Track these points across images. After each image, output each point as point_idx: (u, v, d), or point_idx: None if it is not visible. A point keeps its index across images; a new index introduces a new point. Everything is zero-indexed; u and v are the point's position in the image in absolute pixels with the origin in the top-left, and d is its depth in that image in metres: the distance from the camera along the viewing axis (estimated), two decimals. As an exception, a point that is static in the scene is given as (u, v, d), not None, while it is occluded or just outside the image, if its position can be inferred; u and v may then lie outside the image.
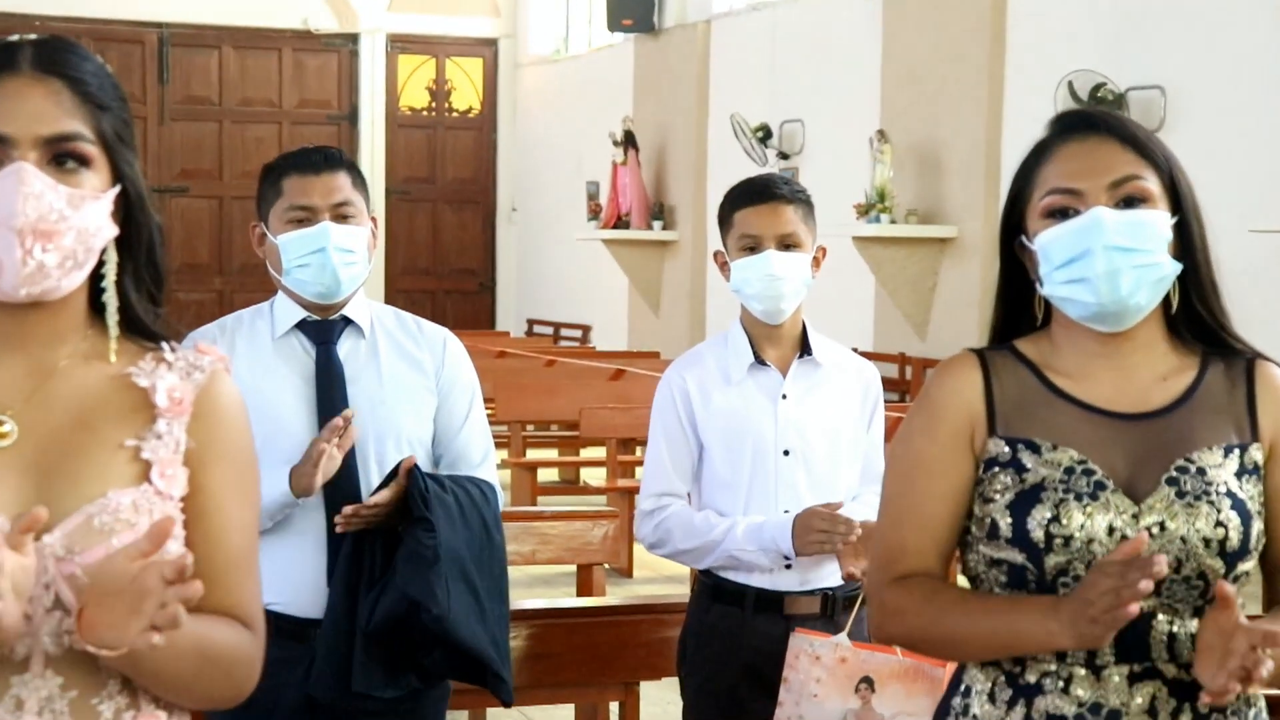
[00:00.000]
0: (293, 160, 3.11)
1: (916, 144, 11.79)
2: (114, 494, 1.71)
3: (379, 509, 2.94)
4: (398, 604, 2.91)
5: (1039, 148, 2.10)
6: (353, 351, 3.11)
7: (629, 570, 8.21)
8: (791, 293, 3.27)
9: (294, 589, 3.00)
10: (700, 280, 15.02)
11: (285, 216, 3.07)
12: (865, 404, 3.38)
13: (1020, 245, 2.09)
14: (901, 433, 2.12)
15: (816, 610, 3.28)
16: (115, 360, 1.79)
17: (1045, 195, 2.05)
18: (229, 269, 18.03)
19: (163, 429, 1.77)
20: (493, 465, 3.20)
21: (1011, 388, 2.07)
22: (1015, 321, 2.14)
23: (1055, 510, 1.98)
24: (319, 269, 3.04)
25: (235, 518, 1.81)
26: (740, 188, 3.34)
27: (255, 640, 1.82)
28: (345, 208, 3.08)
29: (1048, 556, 1.97)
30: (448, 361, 3.16)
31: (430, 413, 3.13)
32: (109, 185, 1.76)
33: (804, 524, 3.19)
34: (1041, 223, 2.05)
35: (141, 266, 1.81)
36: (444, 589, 2.90)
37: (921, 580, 2.05)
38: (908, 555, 2.07)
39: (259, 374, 3.04)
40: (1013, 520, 2.00)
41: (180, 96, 17.85)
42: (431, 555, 2.90)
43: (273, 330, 3.12)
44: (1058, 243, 2.02)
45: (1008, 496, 2.01)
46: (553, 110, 18.28)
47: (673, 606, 3.92)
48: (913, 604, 2.04)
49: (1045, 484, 2.00)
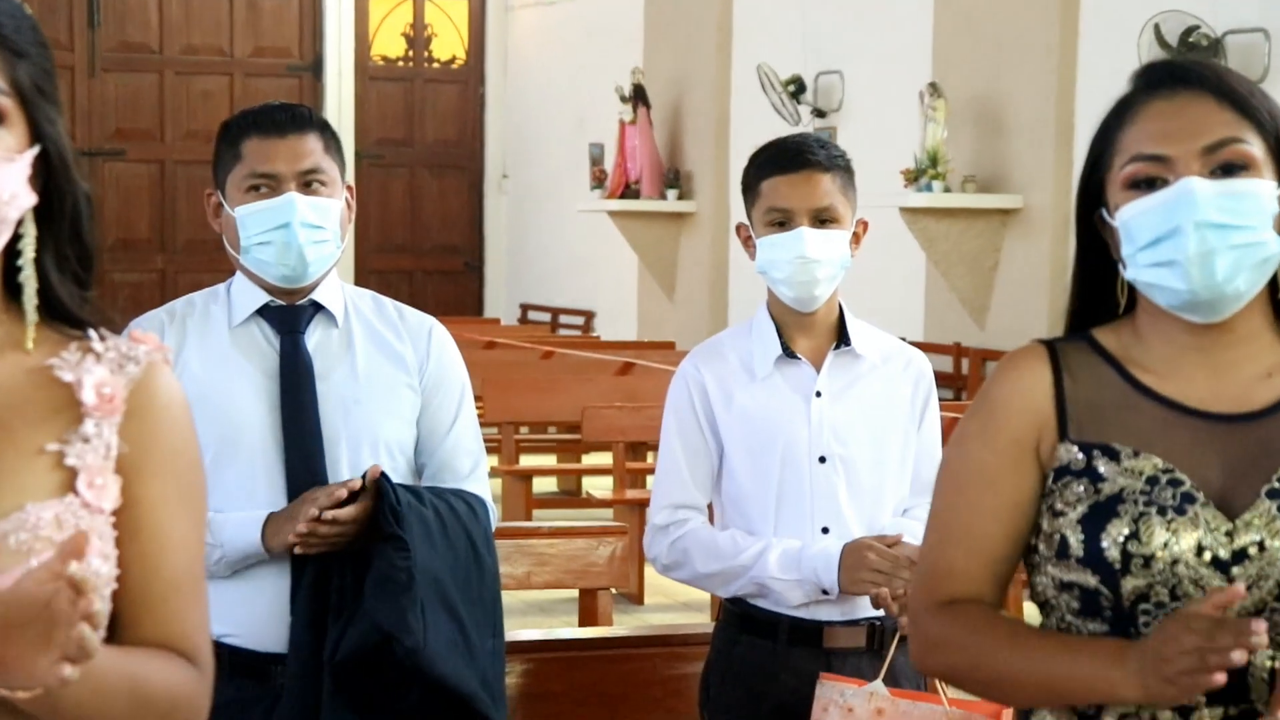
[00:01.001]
0: (254, 119, 3.11)
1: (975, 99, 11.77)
2: (32, 508, 1.70)
3: (342, 526, 2.93)
4: (367, 635, 2.91)
5: (1120, 106, 2.10)
6: (323, 343, 3.11)
7: (639, 596, 8.23)
8: (827, 276, 3.27)
9: (252, 620, 3.01)
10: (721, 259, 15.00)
11: (245, 184, 3.08)
12: (915, 400, 3.38)
13: (1100, 219, 2.08)
14: (956, 437, 2.13)
15: (861, 643, 3.28)
16: (33, 351, 1.79)
17: (1127, 163, 2.04)
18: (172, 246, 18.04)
19: (90, 431, 1.76)
20: (484, 476, 3.21)
21: (1087, 385, 2.07)
22: (1095, 307, 2.14)
23: (1134, 526, 1.98)
24: (282, 248, 3.04)
25: (177, 534, 1.81)
26: (768, 152, 3.34)
27: (201, 677, 1.81)
28: (315, 175, 3.09)
29: (1125, 579, 1.97)
30: (433, 355, 3.16)
31: (413, 415, 3.14)
32: (26, 146, 1.75)
33: (856, 559, 3.18)
34: (1123, 195, 2.04)
35: (65, 241, 1.80)
36: (418, 617, 2.90)
37: (970, 608, 2.05)
38: (955, 578, 2.08)
39: (214, 368, 3.05)
40: (1085, 537, 2.00)
41: (113, 43, 17.85)
42: (405, 578, 2.91)
43: (230, 317, 3.13)
44: (1142, 219, 2.01)
45: (1080, 510, 2.01)
46: (550, 60, 18.27)
47: (691, 638, 3.92)
48: (958, 636, 2.04)
49: (1124, 495, 2.00)
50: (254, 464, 3.03)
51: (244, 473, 3.01)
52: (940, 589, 2.08)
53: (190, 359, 3.04)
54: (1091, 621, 2.01)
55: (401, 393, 3.13)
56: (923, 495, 3.36)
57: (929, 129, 11.70)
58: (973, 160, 11.76)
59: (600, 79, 16.28)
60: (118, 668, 1.70)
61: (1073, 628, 2.04)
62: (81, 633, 1.55)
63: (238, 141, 3.10)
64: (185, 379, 2.87)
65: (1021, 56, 11.46)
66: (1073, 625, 2.04)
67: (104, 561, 1.74)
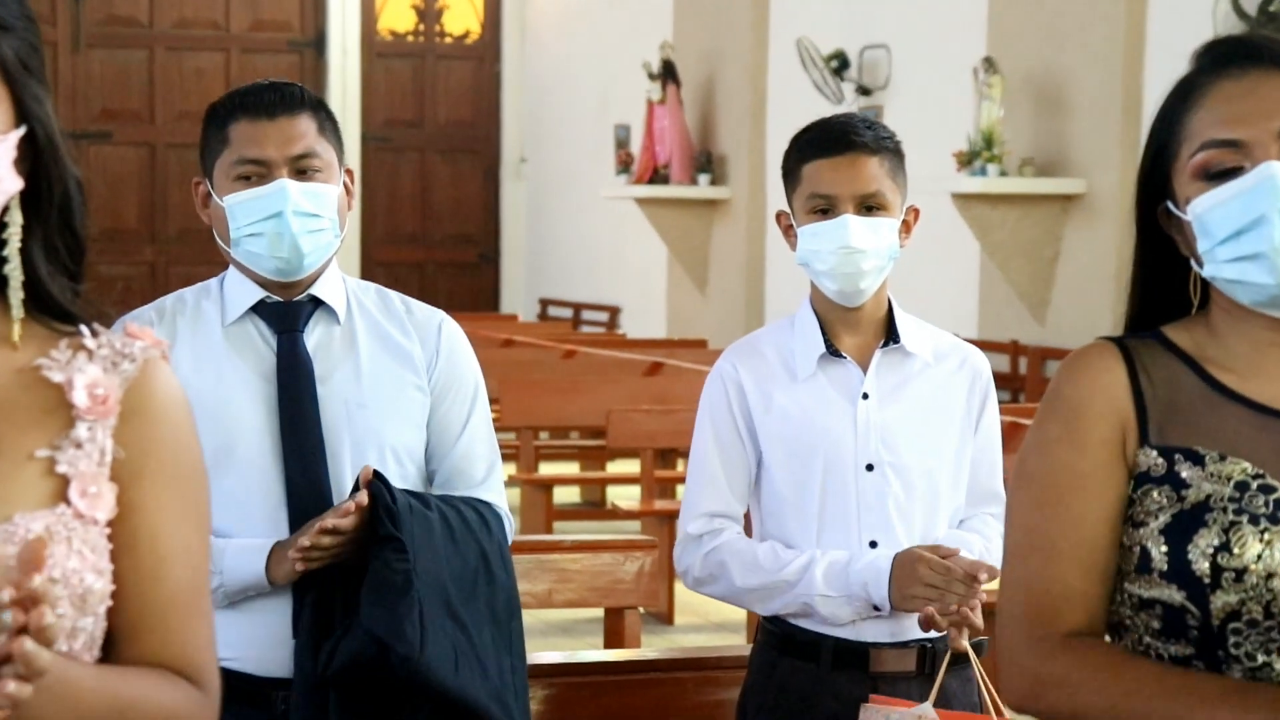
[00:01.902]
0: (241, 100, 3.11)
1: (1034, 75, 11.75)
2: (21, 519, 1.72)
3: (343, 536, 2.94)
4: (363, 645, 2.91)
5: (1183, 88, 2.09)
6: (324, 341, 3.12)
7: (670, 616, 8.24)
8: (873, 268, 3.27)
9: (252, 642, 3.01)
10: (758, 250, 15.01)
11: (233, 172, 3.09)
12: (971, 401, 3.37)
13: (1165, 213, 2.08)
14: (1035, 444, 2.10)
15: (911, 667, 3.28)
16: (21, 349, 1.80)
17: (1198, 150, 2.04)
18: (163, 236, 18.11)
19: (83, 435, 1.77)
20: (499, 483, 3.21)
21: (1164, 386, 2.07)
22: (1158, 309, 2.13)
23: (1224, 536, 1.97)
24: (275, 238, 3.05)
25: (177, 545, 1.81)
26: (811, 133, 3.34)
27: (205, 700, 1.82)
28: (308, 160, 3.09)
29: (1215, 595, 1.96)
30: (443, 352, 3.17)
31: (422, 418, 3.14)
32: (10, 127, 1.77)
33: (907, 572, 3.18)
34: (1194, 185, 2.04)
35: (54, 231, 1.81)
36: (415, 625, 2.90)
37: (1095, 645, 2.02)
38: (1072, 603, 2.03)
39: (206, 370, 3.06)
40: (1169, 549, 1.99)
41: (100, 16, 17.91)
42: (401, 581, 2.91)
43: (223, 315, 3.13)
44: (1219, 211, 2.01)
45: (1162, 519, 2.01)
46: (572, 35, 18.29)
47: (725, 661, 3.92)
48: (1087, 676, 1.99)
49: (1210, 503, 1.99)
50: (250, 474, 3.03)
51: (239, 484, 3.01)
52: (1057, 619, 2.03)
53: (181, 360, 3.04)
54: (1174, 644, 2.00)
55: (409, 394, 3.13)
56: (980, 505, 3.36)
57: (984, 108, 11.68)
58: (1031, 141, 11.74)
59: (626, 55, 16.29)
60: (104, 689, 1.71)
61: (1151, 651, 2.02)
62: (25, 647, 1.55)
63: (225, 125, 3.11)
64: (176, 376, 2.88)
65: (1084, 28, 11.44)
66: (1152, 648, 2.02)
67: (98, 576, 1.75)
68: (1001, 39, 12.09)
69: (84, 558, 1.74)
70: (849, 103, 13.36)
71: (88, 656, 1.77)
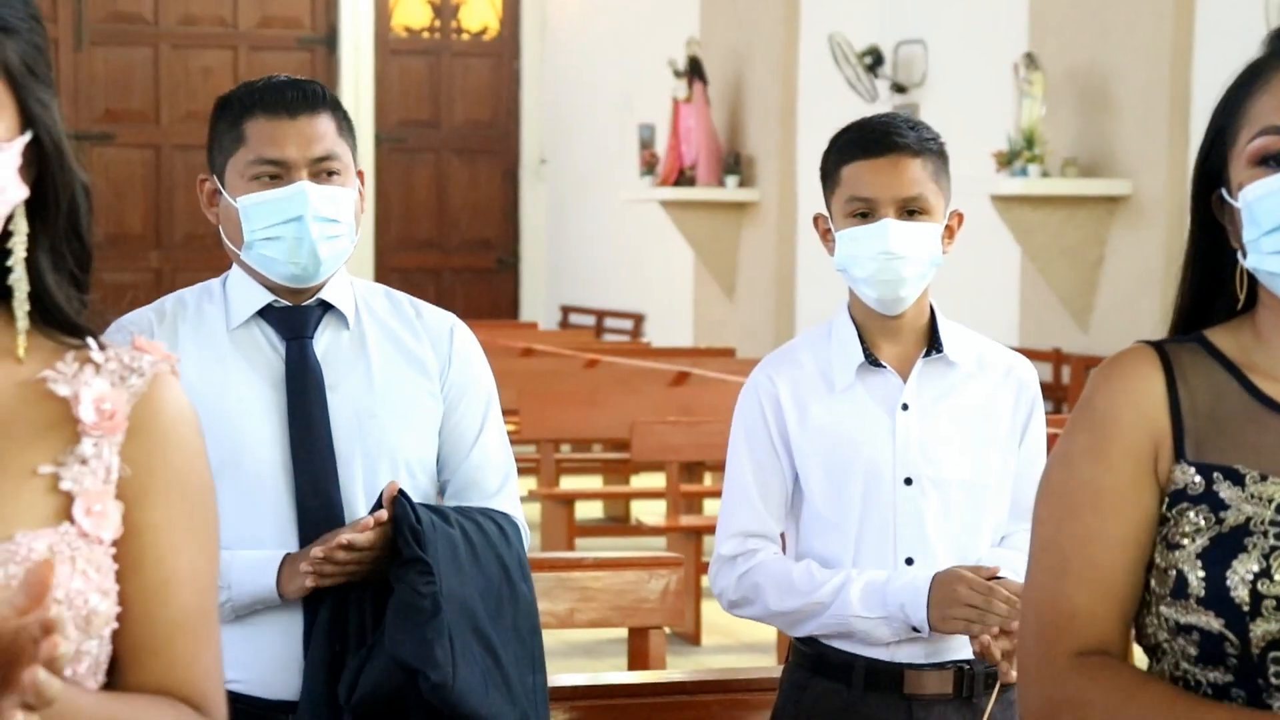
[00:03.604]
0: (260, 96, 3.10)
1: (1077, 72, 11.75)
2: (23, 537, 1.72)
3: (359, 553, 2.94)
4: (389, 671, 2.92)
5: (1249, 72, 2.08)
6: (333, 347, 3.12)
7: (696, 636, 8.25)
8: (915, 274, 3.27)
9: (260, 664, 3.02)
10: (788, 254, 15.02)
11: (249, 172, 3.07)
12: (1016, 413, 3.37)
13: (1219, 200, 2.07)
14: (1060, 455, 2.10)
15: (948, 690, 3.28)
16: (25, 361, 1.81)
17: (1256, 135, 2.03)
18: (169, 241, 18.18)
19: (89, 451, 1.77)
20: (514, 493, 3.21)
21: (1204, 396, 2.05)
22: (1209, 302, 2.12)
23: (1265, 562, 1.95)
24: (294, 244, 3.04)
25: (184, 567, 1.82)
26: (851, 134, 3.34)
27: None
28: (328, 162, 3.09)
29: (1255, 623, 1.95)
30: (456, 358, 3.17)
31: (434, 426, 3.14)
32: (15, 132, 1.77)
33: (946, 592, 3.18)
34: (1249, 172, 2.03)
35: (61, 239, 1.82)
36: (446, 650, 2.90)
37: (1111, 666, 2.01)
38: (1078, 621, 2.04)
39: (211, 377, 3.05)
40: (1206, 574, 1.98)
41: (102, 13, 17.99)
42: (430, 606, 2.91)
43: (227, 318, 3.13)
44: (1270, 200, 2.00)
45: (1200, 542, 1.99)
46: (594, 31, 18.32)
47: (755, 683, 3.93)
48: (1102, 697, 1.99)
49: (1251, 527, 1.98)
50: (258, 486, 3.03)
51: (246, 496, 3.01)
52: (1064, 637, 2.04)
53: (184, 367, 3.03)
54: (1213, 670, 1.99)
55: (422, 402, 3.13)
56: (1023, 521, 3.35)
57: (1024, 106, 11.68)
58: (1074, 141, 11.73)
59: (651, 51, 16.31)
60: (105, 715, 1.71)
61: (1189, 677, 2.01)
62: (36, 677, 1.55)
63: (240, 121, 3.09)
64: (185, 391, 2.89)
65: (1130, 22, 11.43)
66: (1189, 674, 2.01)
67: (103, 598, 1.75)
68: (1043, 33, 12.08)
69: (89, 578, 1.74)
70: (883, 101, 13.36)
71: (92, 681, 1.77)
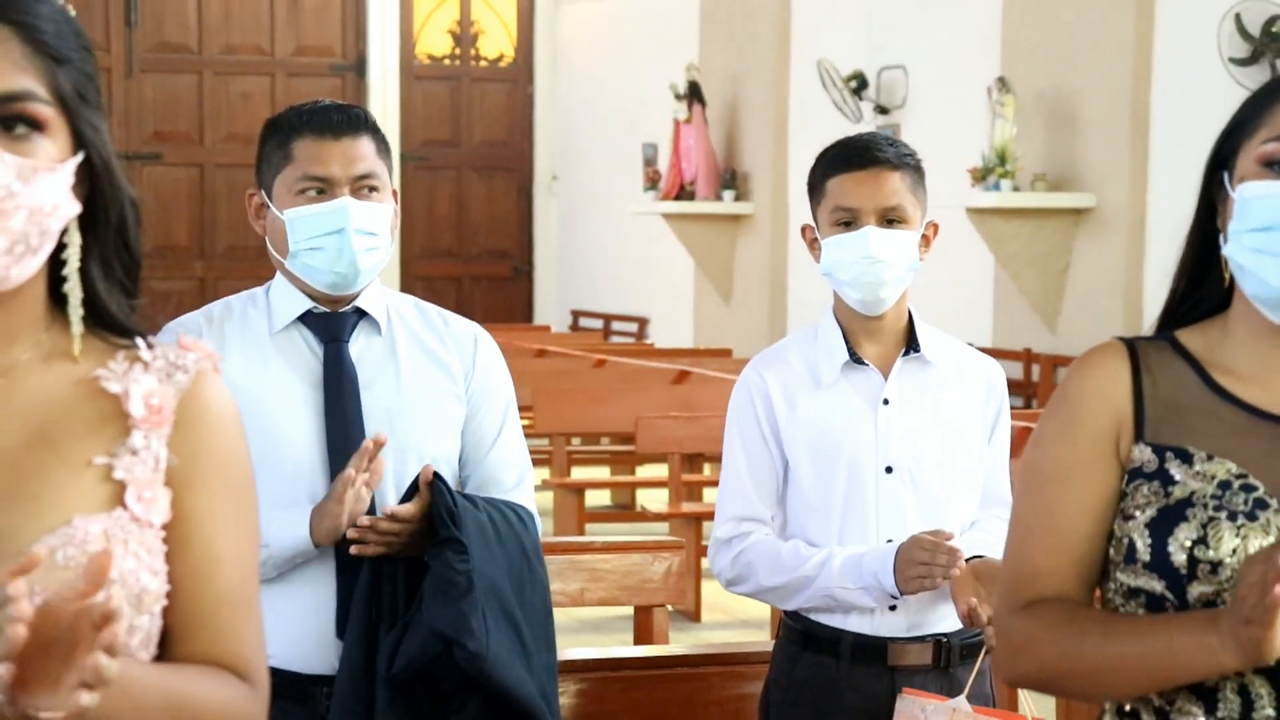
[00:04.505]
0: (307, 118, 3.10)
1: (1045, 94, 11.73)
2: (80, 521, 1.72)
3: (400, 525, 2.94)
4: (426, 644, 2.91)
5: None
6: (366, 351, 3.12)
7: (696, 613, 8.24)
8: (893, 278, 3.27)
9: (295, 640, 3.01)
10: (780, 262, 15.00)
11: (296, 187, 3.07)
12: (986, 410, 3.38)
13: (1220, 182, 2.08)
14: (1035, 436, 2.14)
15: (928, 660, 3.28)
16: (80, 361, 1.81)
17: (1272, 140, 2.02)
18: (211, 252, 18.16)
19: (139, 443, 1.78)
20: (530, 490, 3.21)
21: (1166, 386, 2.07)
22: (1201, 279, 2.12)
23: (1202, 531, 1.98)
24: (335, 254, 3.04)
25: (228, 548, 1.82)
26: (835, 150, 3.35)
27: (254, 695, 1.83)
28: (368, 180, 3.09)
29: (1191, 585, 1.98)
30: (479, 364, 3.17)
31: (458, 425, 3.14)
32: (69, 153, 1.77)
33: (906, 556, 3.19)
34: (1255, 169, 2.03)
35: (111, 250, 1.82)
36: (480, 621, 2.90)
37: (1052, 604, 2.05)
38: (1039, 579, 2.08)
39: (254, 377, 3.05)
40: (1152, 541, 2.00)
41: (151, 43, 17.97)
42: (465, 582, 2.91)
43: (270, 323, 3.13)
44: (1263, 202, 2.00)
45: (1149, 513, 2.02)
46: (601, 58, 18.30)
47: (750, 656, 3.92)
48: (1045, 631, 2.04)
49: (1193, 500, 2.00)
50: (297, 478, 3.03)
51: (286, 487, 3.01)
52: (1025, 591, 2.08)
53: (230, 367, 3.04)
54: None
55: (447, 403, 3.13)
56: (991, 508, 3.37)
57: (997, 125, 11.66)
58: (1043, 158, 11.71)
59: (653, 76, 16.29)
60: (160, 686, 1.72)
61: None
62: (97, 661, 1.57)
63: (288, 141, 3.09)
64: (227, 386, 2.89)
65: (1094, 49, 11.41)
66: None
67: (153, 577, 1.76)
68: (1014, 59, 12.07)
69: (140, 559, 1.75)
70: (868, 121, 13.35)
71: (144, 653, 1.77)
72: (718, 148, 15.55)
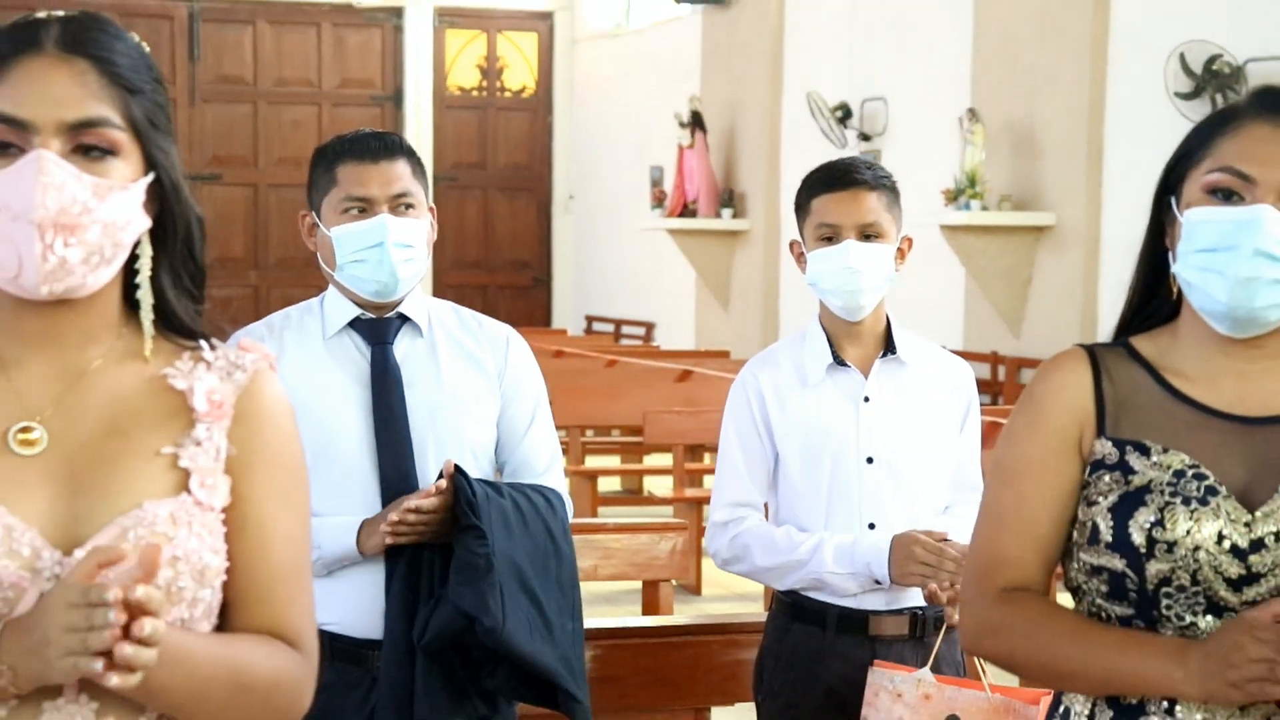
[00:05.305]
0: (349, 145, 3.12)
1: (1011, 123, 11.72)
2: (150, 505, 1.73)
3: (425, 517, 2.95)
4: (452, 619, 2.93)
5: (1226, 114, 2.06)
6: (410, 352, 3.13)
7: (697, 587, 8.23)
8: (871, 287, 3.27)
9: (349, 608, 3.03)
10: (773, 273, 14.98)
11: (340, 207, 3.09)
12: (957, 406, 3.37)
13: (1168, 205, 2.07)
14: (1005, 433, 2.14)
15: (904, 631, 3.28)
16: (150, 361, 1.82)
17: (1215, 170, 2.02)
18: (265, 263, 18.17)
19: (202, 435, 1.79)
20: (559, 472, 3.21)
21: (1123, 387, 2.07)
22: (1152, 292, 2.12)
23: (1159, 514, 1.98)
24: (376, 265, 3.06)
25: (281, 529, 1.83)
26: (819, 172, 3.35)
27: (304, 662, 1.83)
28: (404, 199, 3.10)
29: (1149, 563, 1.98)
30: (511, 362, 3.18)
31: (493, 417, 3.15)
32: (141, 174, 1.78)
33: (905, 552, 3.18)
34: (1200, 196, 2.02)
35: (178, 260, 1.83)
36: (497, 600, 2.91)
37: (1029, 598, 2.05)
38: (1008, 565, 2.08)
39: (310, 377, 3.06)
40: (1114, 524, 2.01)
41: (212, 76, 17.98)
42: (484, 564, 2.92)
43: (324, 329, 3.14)
44: (1207, 226, 2.00)
45: (1111, 499, 2.02)
46: (613, 89, 18.29)
47: (746, 626, 3.91)
48: (1020, 624, 2.04)
49: (1151, 487, 2.00)
50: (349, 467, 3.04)
51: (340, 475, 3.02)
52: (995, 576, 2.08)
53: (288, 369, 3.05)
54: (1118, 604, 2.02)
55: (483, 398, 3.14)
56: (962, 492, 3.36)
57: (968, 151, 11.65)
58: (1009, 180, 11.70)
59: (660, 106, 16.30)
60: (215, 654, 1.73)
61: (1101, 611, 2.04)
62: (126, 653, 1.58)
63: (333, 166, 3.11)
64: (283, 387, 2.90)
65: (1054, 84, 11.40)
66: (1102, 609, 2.04)
67: (214, 555, 1.76)
68: (983, 92, 12.06)
69: (202, 539, 1.75)
70: (852, 147, 13.33)
71: (206, 623, 1.78)
72: (717, 170, 15.53)
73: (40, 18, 1.78)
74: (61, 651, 1.59)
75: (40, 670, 1.62)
